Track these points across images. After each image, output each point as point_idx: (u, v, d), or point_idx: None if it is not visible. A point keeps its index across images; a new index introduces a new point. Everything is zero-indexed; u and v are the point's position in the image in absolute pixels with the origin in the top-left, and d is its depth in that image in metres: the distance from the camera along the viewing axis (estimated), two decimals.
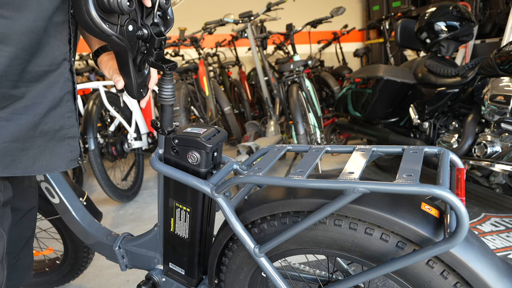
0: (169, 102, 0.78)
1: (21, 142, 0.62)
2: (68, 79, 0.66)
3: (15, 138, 0.60)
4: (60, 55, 0.63)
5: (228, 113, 3.63)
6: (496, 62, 1.84)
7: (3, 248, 0.69)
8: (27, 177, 0.90)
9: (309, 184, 0.61)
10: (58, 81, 0.64)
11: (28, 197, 0.92)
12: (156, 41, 0.69)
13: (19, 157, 0.62)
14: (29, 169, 0.64)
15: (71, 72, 0.67)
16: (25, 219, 0.92)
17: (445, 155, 0.67)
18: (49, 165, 0.66)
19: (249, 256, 0.80)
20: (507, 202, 2.18)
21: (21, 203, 0.90)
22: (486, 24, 3.47)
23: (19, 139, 0.61)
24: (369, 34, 5.59)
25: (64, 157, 0.69)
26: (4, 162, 0.60)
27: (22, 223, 0.91)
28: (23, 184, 0.90)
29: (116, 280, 1.63)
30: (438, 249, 0.54)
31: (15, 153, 0.61)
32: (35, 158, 0.64)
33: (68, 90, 0.67)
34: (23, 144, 0.62)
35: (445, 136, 2.20)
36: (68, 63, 0.66)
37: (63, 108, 0.67)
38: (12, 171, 0.62)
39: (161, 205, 0.91)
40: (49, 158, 0.66)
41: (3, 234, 0.69)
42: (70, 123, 0.69)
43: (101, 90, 2.39)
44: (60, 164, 0.68)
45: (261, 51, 3.21)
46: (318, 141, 2.59)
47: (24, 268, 0.94)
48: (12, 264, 0.91)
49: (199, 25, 4.82)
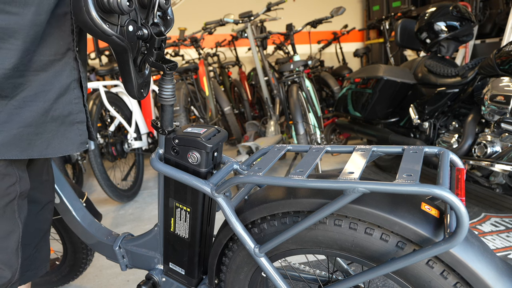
0: (169, 102, 0.78)
1: (35, 127, 0.66)
2: (74, 68, 0.70)
3: (29, 124, 0.65)
4: (64, 45, 0.67)
5: (228, 113, 3.63)
6: (496, 62, 1.84)
7: (18, 237, 0.74)
8: (46, 171, 0.94)
9: (309, 184, 0.61)
10: (65, 70, 0.68)
11: (46, 190, 0.95)
12: (156, 41, 0.69)
13: (34, 141, 0.66)
14: (44, 151, 0.68)
15: (76, 61, 0.70)
16: (43, 212, 0.95)
17: (445, 155, 0.68)
18: (62, 148, 0.71)
19: (249, 256, 0.80)
20: (507, 202, 2.18)
21: (40, 195, 0.93)
22: (486, 24, 3.47)
23: (32, 124, 0.65)
24: (369, 34, 5.59)
25: (75, 141, 0.73)
26: (21, 146, 0.65)
27: (41, 216, 0.95)
28: (41, 177, 0.93)
29: (116, 280, 1.63)
30: (438, 249, 0.54)
31: (30, 137, 0.66)
32: (49, 142, 0.69)
33: (75, 78, 0.71)
34: (36, 129, 0.66)
35: (445, 136, 2.20)
36: (72, 53, 0.69)
37: (71, 94, 0.71)
38: (29, 153, 0.66)
39: (161, 205, 0.91)
40: (61, 141, 0.71)
41: (19, 224, 0.73)
42: (78, 109, 0.73)
43: (101, 90, 2.39)
44: (72, 147, 0.72)
45: (261, 51, 3.21)
46: (318, 141, 2.59)
47: (42, 259, 0.98)
48: (31, 255, 0.94)
49: (199, 25, 4.83)
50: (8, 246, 0.72)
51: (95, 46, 3.35)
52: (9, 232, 0.71)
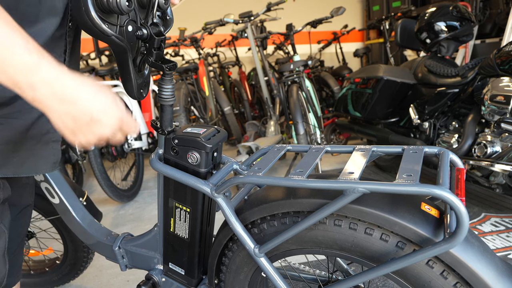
0: (169, 102, 0.78)
1: (13, 145, 0.64)
2: None
3: (8, 140, 0.63)
4: None
5: (228, 113, 3.63)
6: (496, 62, 1.83)
7: (5, 243, 0.72)
8: None
9: (309, 184, 0.61)
10: None
11: (25, 194, 0.94)
12: (155, 41, 0.69)
13: (10, 158, 0.65)
14: (18, 170, 0.66)
15: None
16: (22, 215, 0.94)
17: (445, 155, 0.67)
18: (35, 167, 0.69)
19: (249, 256, 0.80)
20: (507, 202, 2.18)
21: (18, 199, 0.91)
22: (486, 24, 3.47)
23: (11, 141, 0.63)
24: (369, 34, 5.59)
25: (48, 160, 0.71)
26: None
27: (19, 219, 0.93)
28: (21, 181, 0.92)
29: (116, 280, 1.63)
30: (438, 249, 0.54)
31: (8, 155, 0.64)
32: (24, 160, 0.67)
33: None
34: (14, 147, 0.64)
35: (445, 136, 2.20)
36: None
37: None
38: (4, 172, 0.64)
39: (161, 205, 0.91)
40: (35, 160, 0.69)
41: (4, 230, 0.72)
42: None
43: None
44: (45, 167, 0.71)
45: (261, 51, 3.21)
46: (318, 141, 2.59)
47: (18, 266, 0.96)
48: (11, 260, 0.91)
49: (199, 25, 4.81)
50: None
51: (95, 46, 3.35)
52: None
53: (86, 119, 0.52)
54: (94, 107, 0.52)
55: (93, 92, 0.53)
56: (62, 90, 0.49)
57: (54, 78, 0.48)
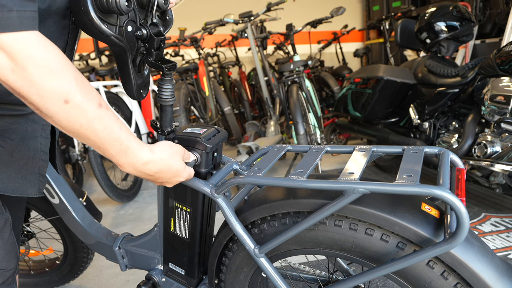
0: (168, 102, 0.78)
1: None
2: None
3: None
4: None
5: (228, 113, 3.63)
6: (496, 62, 1.83)
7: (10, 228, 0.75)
8: None
9: (309, 184, 0.61)
10: None
11: None
12: (155, 41, 0.69)
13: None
14: (4, 188, 0.69)
15: None
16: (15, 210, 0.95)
17: (445, 155, 0.67)
18: (21, 189, 0.72)
19: (249, 257, 0.80)
20: (507, 202, 2.18)
21: None
22: (486, 24, 3.46)
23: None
24: (369, 34, 5.59)
25: (34, 185, 0.74)
26: None
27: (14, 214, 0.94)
28: None
29: (116, 280, 1.63)
30: (438, 250, 0.54)
31: None
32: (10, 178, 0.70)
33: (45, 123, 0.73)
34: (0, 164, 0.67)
35: (445, 136, 2.20)
36: None
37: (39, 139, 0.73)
38: None
39: (161, 205, 0.91)
40: (21, 182, 0.72)
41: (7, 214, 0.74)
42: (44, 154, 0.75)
43: (101, 90, 2.39)
44: (31, 191, 0.74)
45: (261, 51, 3.20)
46: (318, 141, 2.59)
47: None
48: None
49: (199, 25, 4.81)
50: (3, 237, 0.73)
51: (95, 46, 3.35)
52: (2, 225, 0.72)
53: (166, 178, 0.69)
54: (169, 174, 0.68)
55: (168, 159, 0.67)
56: (144, 167, 0.63)
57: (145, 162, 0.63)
